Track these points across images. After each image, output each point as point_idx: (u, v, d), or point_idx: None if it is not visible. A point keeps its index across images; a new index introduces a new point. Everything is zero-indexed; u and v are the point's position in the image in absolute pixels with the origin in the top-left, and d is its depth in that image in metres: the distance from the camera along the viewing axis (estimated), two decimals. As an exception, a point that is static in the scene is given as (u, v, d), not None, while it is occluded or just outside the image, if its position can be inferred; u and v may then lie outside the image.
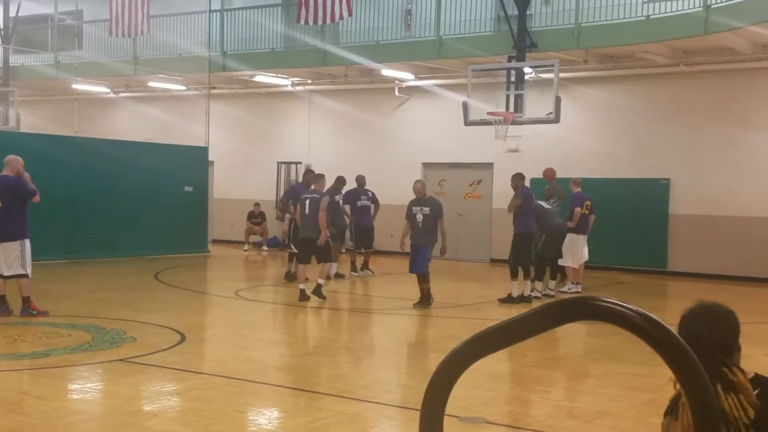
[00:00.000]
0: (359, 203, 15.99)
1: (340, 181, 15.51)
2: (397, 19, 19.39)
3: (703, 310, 2.68)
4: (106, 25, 21.29)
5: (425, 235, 11.77)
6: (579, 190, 13.90)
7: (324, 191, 12.86)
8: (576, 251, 13.67)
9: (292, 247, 14.79)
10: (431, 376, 1.88)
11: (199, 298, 13.26)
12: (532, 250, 12.91)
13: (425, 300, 11.82)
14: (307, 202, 12.32)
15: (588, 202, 13.86)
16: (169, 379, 7.22)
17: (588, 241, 13.97)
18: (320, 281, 12.26)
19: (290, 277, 14.71)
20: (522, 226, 12.54)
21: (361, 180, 16.32)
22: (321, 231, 12.04)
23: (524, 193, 12.65)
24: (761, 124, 16.41)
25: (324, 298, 12.17)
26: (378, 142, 20.86)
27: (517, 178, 12.86)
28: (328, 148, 21.42)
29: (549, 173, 14.77)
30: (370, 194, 16.37)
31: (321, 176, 13.11)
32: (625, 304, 1.65)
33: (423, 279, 11.80)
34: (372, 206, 16.31)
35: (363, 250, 16.12)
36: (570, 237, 13.59)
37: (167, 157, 19.42)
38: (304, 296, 12.11)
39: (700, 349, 2.53)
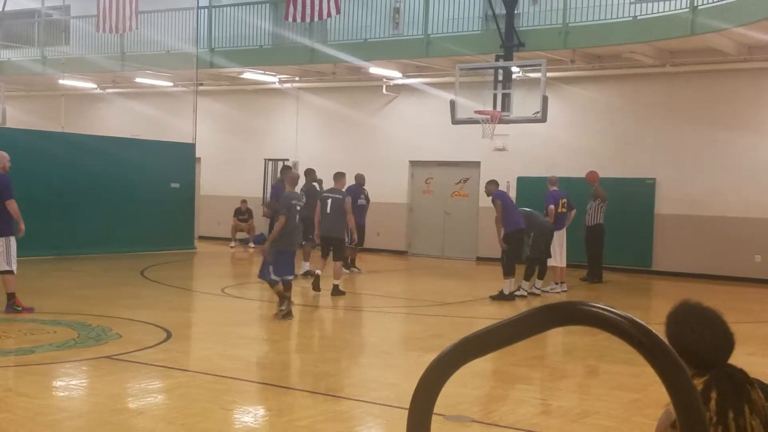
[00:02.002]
0: (359, 202, 16.02)
1: (311, 174, 15.56)
2: (385, 17, 19.38)
3: (715, 316, 2.63)
4: (93, 20, 21.15)
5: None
6: (555, 188, 14.05)
7: (336, 190, 13.18)
8: (557, 249, 13.76)
9: None
10: (420, 378, 1.89)
11: (185, 295, 13.23)
12: (523, 246, 12.96)
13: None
14: (329, 201, 12.72)
15: (564, 200, 14.01)
16: (155, 377, 7.20)
17: (570, 239, 14.21)
18: (335, 282, 12.57)
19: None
20: (510, 225, 12.61)
21: (360, 179, 16.39)
22: (344, 230, 12.73)
23: (499, 196, 12.81)
24: (746, 124, 16.51)
25: (343, 293, 12.56)
26: (365, 139, 20.86)
27: (491, 184, 13.08)
28: (316, 145, 21.41)
29: (592, 176, 15.66)
30: (366, 193, 16.60)
31: (341, 175, 13.37)
32: (613, 310, 1.66)
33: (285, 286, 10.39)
34: (366, 205, 16.54)
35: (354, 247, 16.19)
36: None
37: (154, 153, 19.35)
38: (317, 283, 12.61)
39: (723, 357, 2.55)
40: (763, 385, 2.57)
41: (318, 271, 12.78)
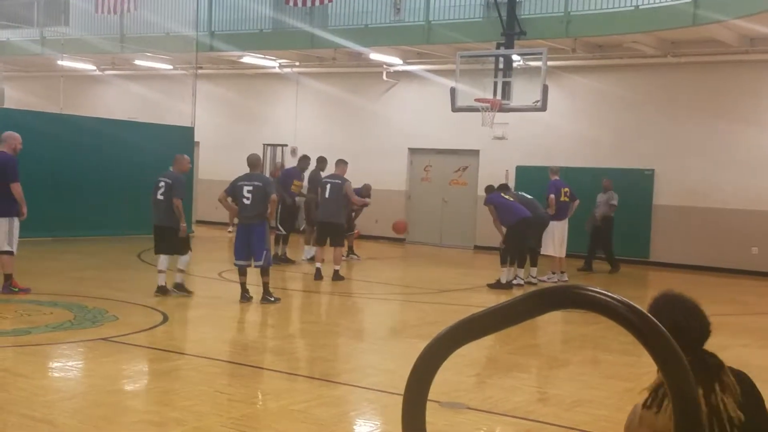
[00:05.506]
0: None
1: (308, 161, 15.59)
2: (387, 3, 19.29)
3: (681, 300, 2.76)
4: (93, 1, 21.06)
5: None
6: (557, 177, 14.06)
7: (316, 175, 13.22)
8: (557, 239, 13.75)
9: (280, 228, 14.89)
10: (415, 361, 1.89)
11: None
12: (523, 237, 12.97)
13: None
14: (329, 186, 12.81)
15: (566, 189, 14.02)
16: (151, 359, 7.21)
17: (570, 228, 14.19)
18: (336, 267, 12.79)
19: (277, 260, 14.69)
20: (507, 220, 12.66)
21: (366, 189, 16.41)
22: (342, 216, 12.87)
23: (490, 200, 13.00)
24: (746, 116, 16.49)
25: (342, 278, 12.81)
26: (365, 126, 20.82)
27: (486, 190, 13.74)
28: (315, 131, 21.36)
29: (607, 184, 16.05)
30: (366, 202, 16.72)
31: (343, 162, 13.52)
32: (609, 294, 1.66)
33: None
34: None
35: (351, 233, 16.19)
36: (550, 224, 13.67)
37: (153, 136, 19.26)
38: (319, 275, 12.74)
39: (686, 342, 2.63)
40: (734, 370, 2.70)
41: (318, 265, 12.88)
